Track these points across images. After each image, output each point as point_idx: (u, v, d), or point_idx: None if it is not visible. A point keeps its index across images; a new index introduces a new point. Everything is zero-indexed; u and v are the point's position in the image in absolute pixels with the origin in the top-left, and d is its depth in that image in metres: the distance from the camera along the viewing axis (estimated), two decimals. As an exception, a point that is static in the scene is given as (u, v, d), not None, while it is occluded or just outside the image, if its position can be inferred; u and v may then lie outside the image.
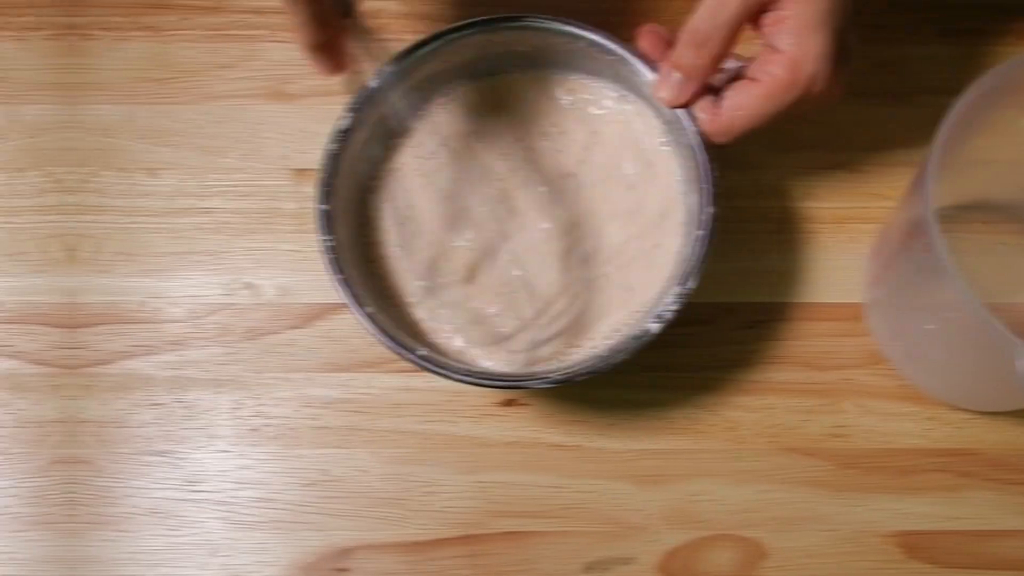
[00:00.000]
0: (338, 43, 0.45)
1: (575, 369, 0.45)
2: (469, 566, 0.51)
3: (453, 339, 0.49)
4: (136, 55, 0.57)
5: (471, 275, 0.50)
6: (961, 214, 0.55)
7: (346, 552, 0.51)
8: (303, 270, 0.54)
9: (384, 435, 0.52)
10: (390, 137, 0.51)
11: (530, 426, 0.52)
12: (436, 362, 0.45)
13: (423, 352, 0.45)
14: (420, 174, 0.51)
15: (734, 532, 0.51)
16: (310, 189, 0.54)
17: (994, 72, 0.43)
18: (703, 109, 0.47)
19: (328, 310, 0.54)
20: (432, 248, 0.50)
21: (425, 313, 0.50)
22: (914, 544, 0.51)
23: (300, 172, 0.56)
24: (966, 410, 0.53)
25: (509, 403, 0.53)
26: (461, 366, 0.46)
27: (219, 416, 0.52)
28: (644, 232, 0.50)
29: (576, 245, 0.50)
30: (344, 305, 0.45)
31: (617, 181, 0.51)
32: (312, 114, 0.57)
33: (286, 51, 0.58)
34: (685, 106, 0.47)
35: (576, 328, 0.49)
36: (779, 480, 0.52)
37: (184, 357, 0.53)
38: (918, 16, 0.59)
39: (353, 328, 0.53)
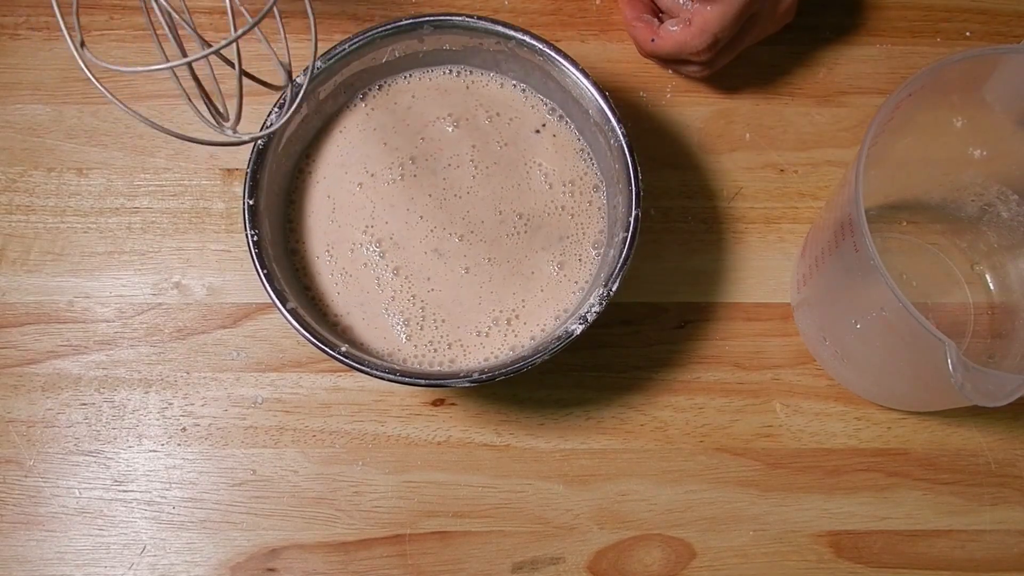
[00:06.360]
0: None
1: (498, 369, 0.45)
2: (398, 566, 0.51)
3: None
4: (64, 55, 0.57)
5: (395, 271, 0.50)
6: (890, 214, 0.55)
7: (275, 552, 0.51)
8: (232, 270, 0.54)
9: (313, 435, 0.52)
10: (316, 133, 0.51)
11: (459, 426, 0.52)
12: (358, 359, 0.45)
13: (344, 349, 0.45)
14: (343, 168, 0.51)
15: (663, 532, 0.51)
16: (239, 189, 0.55)
17: (922, 73, 0.43)
18: (675, 24, 0.52)
19: (257, 310, 0.54)
20: (349, 242, 0.50)
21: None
22: (843, 544, 0.51)
23: (229, 172, 0.56)
24: (895, 410, 0.53)
25: (438, 403, 0.53)
26: (384, 363, 0.46)
27: (148, 416, 0.52)
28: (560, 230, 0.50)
29: (492, 250, 0.50)
30: (272, 305, 0.45)
31: (531, 181, 0.51)
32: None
33: (215, 50, 0.58)
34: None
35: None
36: (708, 480, 0.52)
37: (113, 357, 0.53)
38: (848, 16, 0.59)
39: (281, 328, 0.53)
